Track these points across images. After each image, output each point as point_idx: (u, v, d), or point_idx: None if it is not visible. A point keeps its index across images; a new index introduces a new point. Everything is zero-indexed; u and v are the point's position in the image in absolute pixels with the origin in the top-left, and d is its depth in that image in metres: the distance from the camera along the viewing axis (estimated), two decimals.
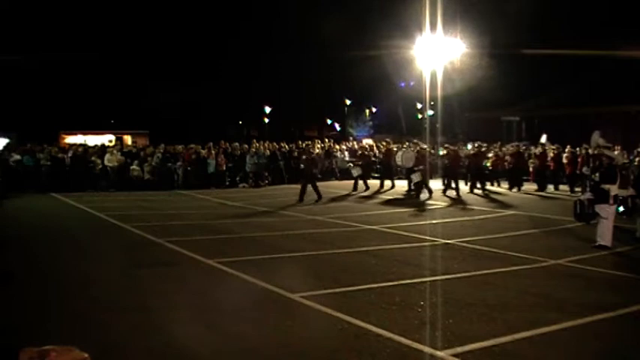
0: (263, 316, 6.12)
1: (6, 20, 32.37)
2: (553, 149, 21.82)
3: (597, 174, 10.07)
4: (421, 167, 17.68)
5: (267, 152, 23.38)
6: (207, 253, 8.96)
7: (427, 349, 5.01)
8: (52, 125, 33.00)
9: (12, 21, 33.82)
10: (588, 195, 10.58)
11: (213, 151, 22.24)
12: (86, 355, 1.54)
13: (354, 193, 19.24)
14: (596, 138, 20.60)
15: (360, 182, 20.06)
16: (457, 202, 17.08)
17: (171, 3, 40.35)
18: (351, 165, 22.00)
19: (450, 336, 5.33)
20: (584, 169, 20.80)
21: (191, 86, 39.16)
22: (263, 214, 14.31)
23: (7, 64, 28.81)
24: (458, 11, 26.66)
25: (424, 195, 17.51)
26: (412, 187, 18.40)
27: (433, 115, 27.95)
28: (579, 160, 21.00)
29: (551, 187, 20.58)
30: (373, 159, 23.73)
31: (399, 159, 19.19)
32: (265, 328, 5.71)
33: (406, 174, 19.49)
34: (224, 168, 22.25)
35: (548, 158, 21.42)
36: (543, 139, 21.94)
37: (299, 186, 19.25)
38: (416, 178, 17.68)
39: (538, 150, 22.11)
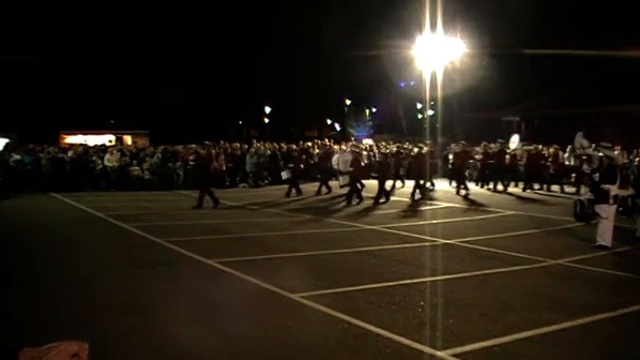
0: (263, 316, 6.11)
1: (6, 20, 32.38)
2: (531, 149, 21.86)
3: (597, 174, 10.07)
4: (350, 170, 16.68)
5: (268, 152, 23.38)
6: (207, 253, 8.96)
7: (427, 349, 5.00)
8: (52, 125, 33.01)
9: (12, 21, 33.83)
10: (588, 195, 10.57)
11: (213, 151, 22.20)
12: (77, 349, 1.53)
13: (288, 198, 17.80)
14: (580, 139, 21.12)
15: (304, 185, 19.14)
16: (457, 202, 17.07)
17: (170, 4, 40.38)
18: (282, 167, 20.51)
19: (450, 336, 5.33)
20: (584, 167, 20.87)
21: (191, 86, 39.17)
22: (263, 214, 14.30)
23: (7, 64, 28.79)
24: (458, 11, 26.69)
25: (355, 200, 16.20)
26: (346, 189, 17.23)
27: (433, 115, 27.97)
28: (550, 159, 21.08)
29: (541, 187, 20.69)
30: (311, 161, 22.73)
31: (335, 161, 18.15)
32: (265, 328, 5.71)
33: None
34: (224, 168, 22.24)
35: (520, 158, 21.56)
36: (515, 139, 21.95)
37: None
38: (343, 181, 16.90)
39: (480, 149, 21.80)
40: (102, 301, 6.48)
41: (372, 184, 18.44)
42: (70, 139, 30.83)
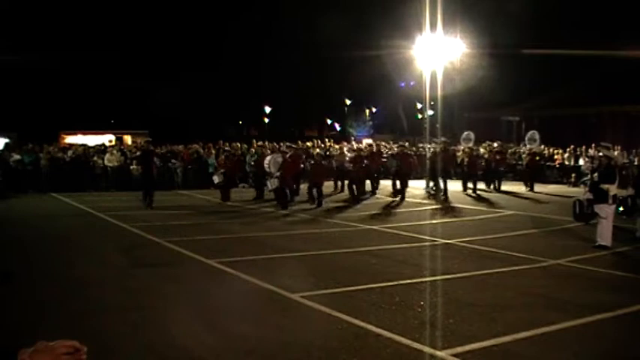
0: (263, 316, 6.11)
1: (6, 20, 32.40)
2: (473, 148, 21.57)
3: (596, 174, 10.08)
4: (278, 174, 15.73)
5: (268, 152, 23.35)
6: (208, 253, 8.96)
7: (427, 349, 5.01)
8: (52, 125, 33.02)
9: (12, 21, 33.85)
10: (587, 195, 10.57)
11: (213, 151, 22.24)
12: (64, 347, 1.53)
13: (223, 203, 16.66)
14: (533, 136, 21.31)
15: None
16: (457, 202, 17.06)
17: (170, 4, 40.39)
18: (216, 170, 18.95)
19: (450, 336, 5.33)
20: (583, 166, 20.86)
21: (191, 86, 39.19)
22: (263, 214, 14.30)
23: (7, 64, 28.81)
24: (458, 11, 26.68)
25: (285, 205, 15.30)
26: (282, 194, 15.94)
27: (433, 115, 27.96)
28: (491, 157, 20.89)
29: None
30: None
31: (266, 164, 16.86)
32: (265, 328, 5.71)
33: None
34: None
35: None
36: (470, 136, 21.80)
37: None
38: (271, 185, 15.97)
39: (399, 150, 20.78)
40: (101, 301, 6.49)
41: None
42: (70, 139, 30.84)
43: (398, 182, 18.54)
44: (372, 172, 19.03)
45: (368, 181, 19.08)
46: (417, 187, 19.91)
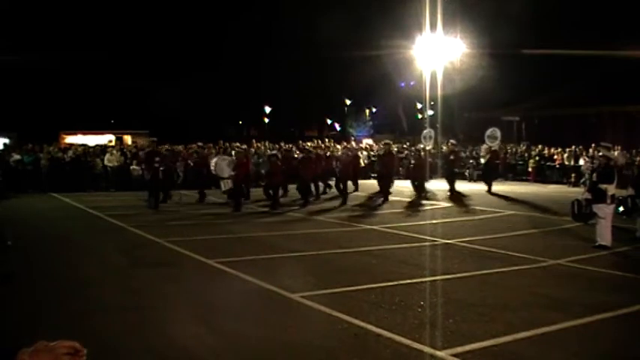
0: (263, 316, 6.11)
1: (6, 20, 32.39)
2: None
3: (595, 174, 10.08)
4: (232, 174, 15.29)
5: (268, 152, 23.37)
6: (207, 253, 8.96)
7: (427, 349, 5.01)
8: (52, 125, 33.03)
9: (12, 21, 33.84)
10: (586, 195, 10.56)
11: (213, 151, 22.24)
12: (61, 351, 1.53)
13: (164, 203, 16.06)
14: (495, 133, 20.87)
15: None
16: (457, 202, 17.06)
17: (170, 3, 40.40)
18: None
19: (450, 336, 5.33)
20: (583, 166, 20.83)
21: (191, 86, 39.18)
22: (263, 215, 14.30)
23: (7, 64, 28.80)
24: (458, 11, 26.72)
25: (238, 207, 14.91)
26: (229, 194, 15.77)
27: (433, 115, 28.00)
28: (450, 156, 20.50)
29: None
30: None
31: (212, 166, 16.18)
32: (265, 328, 5.71)
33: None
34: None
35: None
36: (430, 134, 21.50)
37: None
38: (224, 186, 15.57)
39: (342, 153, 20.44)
40: (101, 301, 6.49)
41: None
42: (70, 139, 30.88)
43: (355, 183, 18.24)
44: (318, 174, 18.04)
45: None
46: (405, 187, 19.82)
